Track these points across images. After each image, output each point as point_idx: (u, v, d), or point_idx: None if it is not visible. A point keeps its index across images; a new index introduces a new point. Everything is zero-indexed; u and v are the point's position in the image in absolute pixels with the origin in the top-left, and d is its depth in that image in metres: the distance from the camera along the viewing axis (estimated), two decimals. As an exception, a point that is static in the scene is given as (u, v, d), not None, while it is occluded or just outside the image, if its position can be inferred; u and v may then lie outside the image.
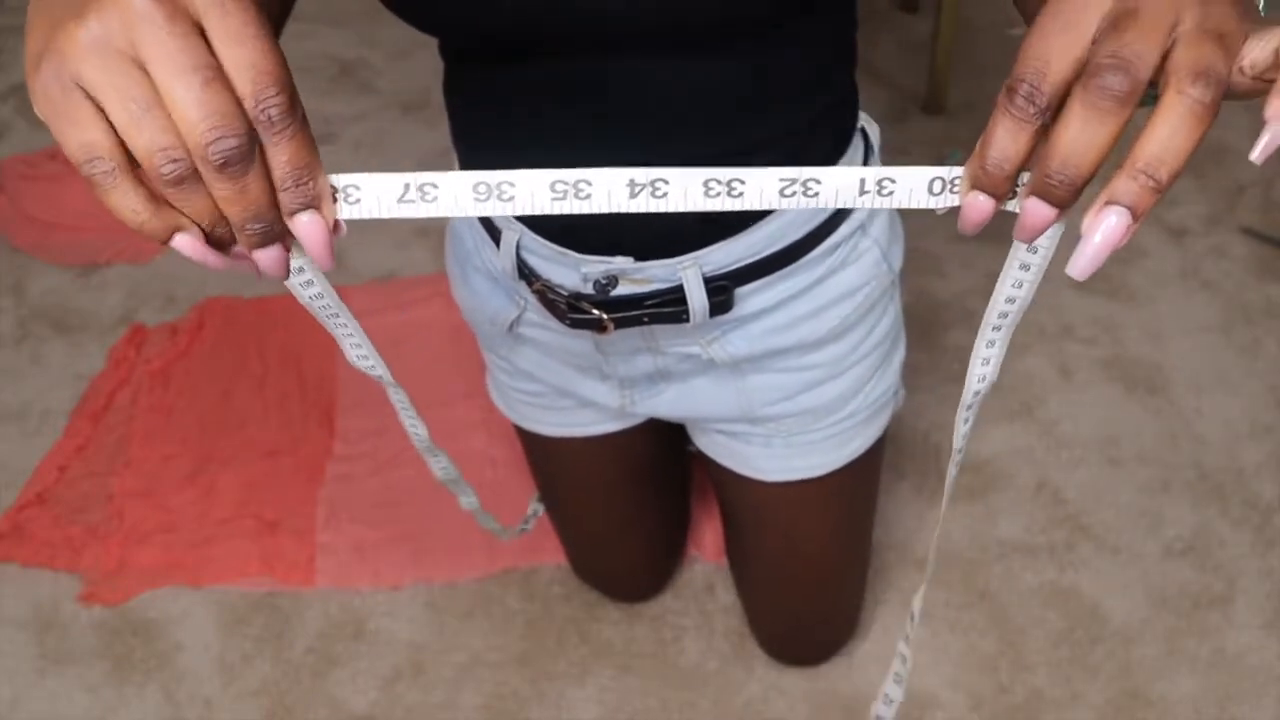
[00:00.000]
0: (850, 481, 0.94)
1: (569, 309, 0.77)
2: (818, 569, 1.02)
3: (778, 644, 1.13)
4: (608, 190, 0.42)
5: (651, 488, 1.07)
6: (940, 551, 1.23)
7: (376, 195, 0.41)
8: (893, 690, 0.82)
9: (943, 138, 1.75)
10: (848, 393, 0.87)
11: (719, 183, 0.42)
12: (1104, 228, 0.37)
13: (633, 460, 1.02)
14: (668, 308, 0.76)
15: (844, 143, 0.77)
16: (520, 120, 0.69)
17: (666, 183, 0.42)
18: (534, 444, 1.03)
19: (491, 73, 0.69)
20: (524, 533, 1.12)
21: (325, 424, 1.37)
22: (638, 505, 1.07)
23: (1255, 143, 0.37)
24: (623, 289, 0.76)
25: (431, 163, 1.74)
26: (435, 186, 0.41)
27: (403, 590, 1.22)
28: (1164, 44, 0.36)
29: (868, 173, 0.41)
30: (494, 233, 0.79)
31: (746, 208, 0.42)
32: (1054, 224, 0.39)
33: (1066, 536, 1.24)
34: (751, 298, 0.78)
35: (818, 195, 0.42)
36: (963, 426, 0.53)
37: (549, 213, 0.42)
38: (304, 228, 0.39)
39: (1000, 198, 0.39)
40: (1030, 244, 0.42)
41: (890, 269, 0.84)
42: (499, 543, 1.24)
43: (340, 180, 0.40)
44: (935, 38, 1.72)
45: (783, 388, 0.86)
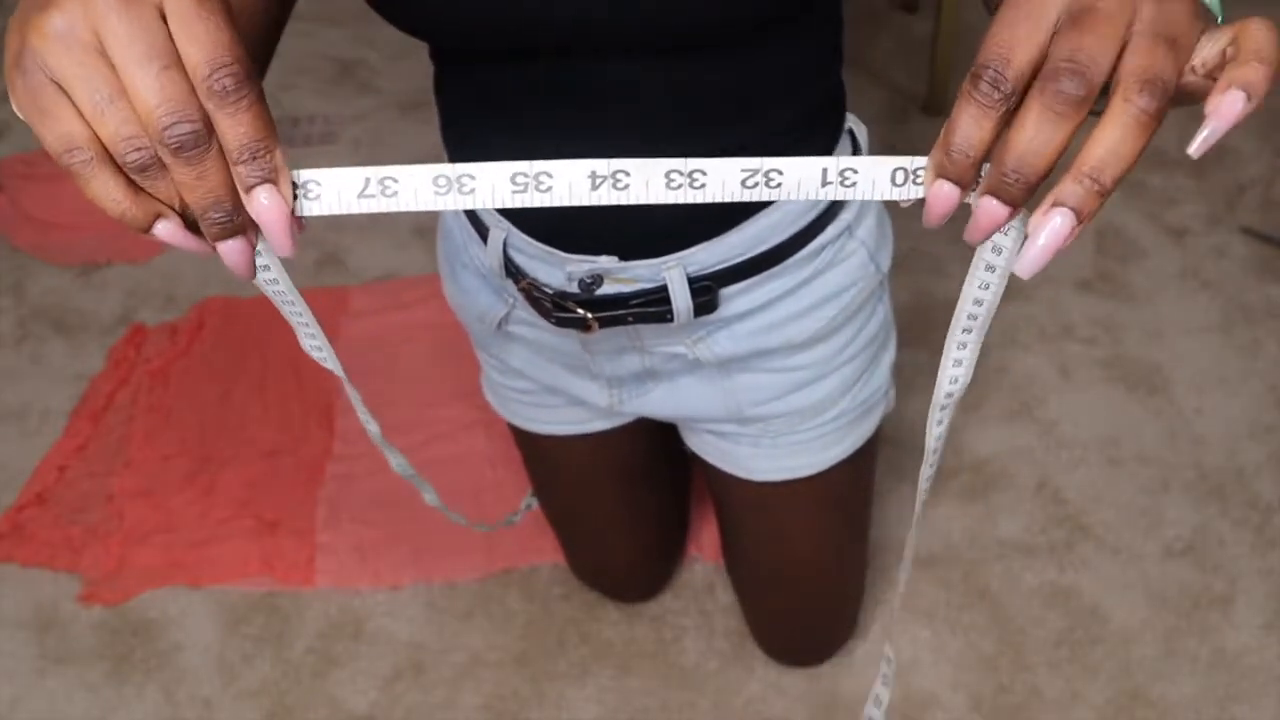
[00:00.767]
0: (841, 481, 0.95)
1: (554, 307, 0.77)
2: (810, 569, 1.02)
3: (775, 644, 1.13)
4: (569, 182, 0.42)
5: (644, 487, 1.08)
6: (940, 551, 1.23)
7: (337, 190, 0.41)
8: (881, 692, 0.82)
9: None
10: (835, 393, 0.87)
11: (680, 174, 0.42)
12: (1049, 229, 0.38)
13: (624, 459, 1.02)
14: (652, 307, 0.76)
15: (831, 143, 0.77)
16: (507, 122, 0.70)
17: (628, 174, 0.42)
18: (527, 441, 1.03)
19: (478, 75, 0.69)
20: (510, 524, 1.12)
21: (325, 424, 1.37)
22: (630, 504, 1.07)
23: (1193, 138, 0.37)
24: (607, 288, 0.76)
25: (430, 162, 1.74)
26: (395, 181, 0.41)
27: (403, 590, 1.22)
28: (1119, 45, 0.36)
29: (829, 163, 0.41)
30: (482, 230, 0.79)
31: (709, 199, 0.42)
32: (1009, 222, 0.40)
33: (1066, 536, 1.24)
34: (736, 298, 0.78)
35: (780, 186, 0.42)
36: (935, 429, 0.54)
37: (510, 205, 0.42)
38: (262, 208, 0.39)
39: (965, 185, 0.39)
40: (988, 243, 0.43)
41: (878, 269, 0.84)
42: (499, 543, 1.24)
43: (301, 175, 0.40)
44: (935, 38, 1.72)
45: (770, 388, 0.86)
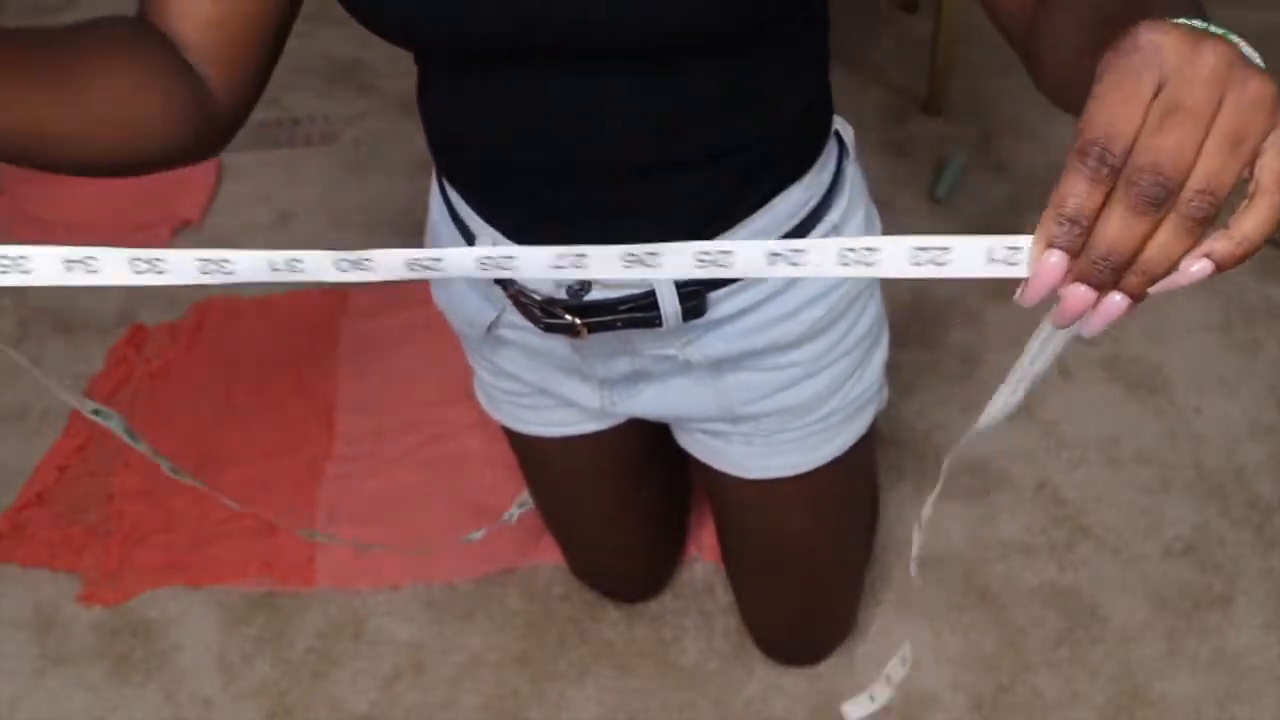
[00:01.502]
0: (833, 480, 0.95)
1: (543, 314, 0.77)
2: (804, 567, 1.02)
3: (772, 643, 1.13)
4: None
5: (638, 487, 1.07)
6: (940, 551, 1.23)
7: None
8: (879, 693, 0.82)
9: (943, 137, 1.75)
10: (825, 391, 0.87)
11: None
12: (1105, 306, 0.40)
13: (617, 459, 1.02)
14: (640, 313, 0.76)
15: (820, 144, 0.77)
16: (498, 127, 0.69)
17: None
18: (520, 443, 1.03)
19: (470, 81, 0.69)
20: (506, 523, 1.12)
21: (325, 424, 1.37)
22: (624, 504, 1.07)
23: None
24: (596, 294, 0.76)
25: (430, 163, 1.74)
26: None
27: (403, 590, 1.22)
28: (1199, 143, 0.37)
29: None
30: (469, 236, 0.79)
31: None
32: (1092, 309, 0.41)
33: (1066, 536, 1.24)
34: (724, 301, 0.78)
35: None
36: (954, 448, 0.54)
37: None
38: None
39: (1075, 255, 0.40)
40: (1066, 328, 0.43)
41: None
42: (499, 543, 1.24)
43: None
44: (935, 38, 1.72)
45: (761, 386, 0.86)
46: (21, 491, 1.31)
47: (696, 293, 0.76)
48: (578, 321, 0.76)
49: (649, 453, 1.04)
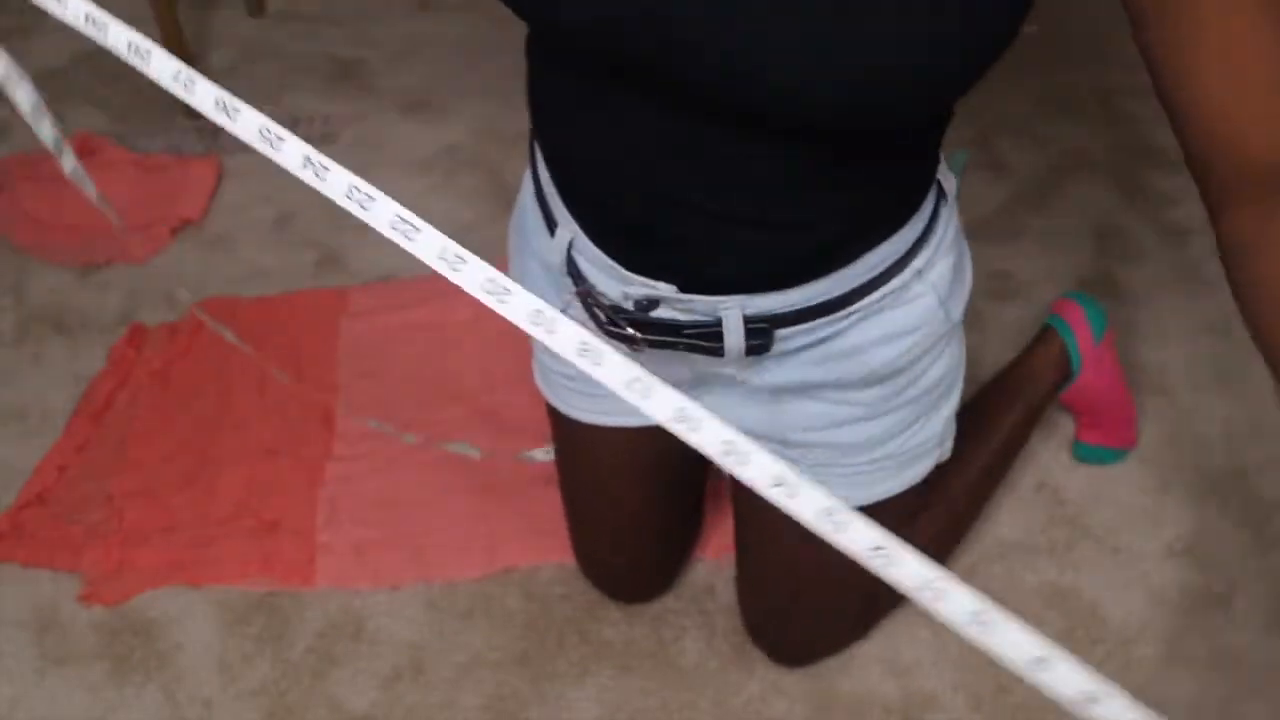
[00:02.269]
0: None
1: (607, 320, 0.76)
2: (817, 584, 1.02)
3: (766, 641, 1.13)
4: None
5: (667, 488, 1.07)
6: (940, 551, 1.23)
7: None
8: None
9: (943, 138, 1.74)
10: (883, 435, 0.85)
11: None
12: None
13: (656, 458, 1.01)
14: (704, 340, 0.75)
15: (919, 205, 0.77)
16: (599, 144, 0.68)
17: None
18: (565, 429, 1.03)
19: (585, 92, 0.67)
20: (522, 460, 1.10)
21: (325, 424, 1.37)
22: (650, 504, 1.07)
23: None
24: (663, 312, 0.75)
25: (431, 163, 1.74)
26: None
27: (403, 590, 1.22)
28: None
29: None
30: (551, 223, 0.78)
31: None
32: None
33: (1066, 536, 1.24)
34: (793, 338, 0.77)
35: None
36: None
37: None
38: None
39: None
40: None
41: (948, 317, 0.82)
42: (499, 542, 1.24)
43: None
44: (935, 38, 1.72)
45: (817, 417, 0.84)
46: (21, 491, 1.31)
47: (764, 330, 0.74)
48: (638, 335, 0.75)
49: (685, 453, 1.04)
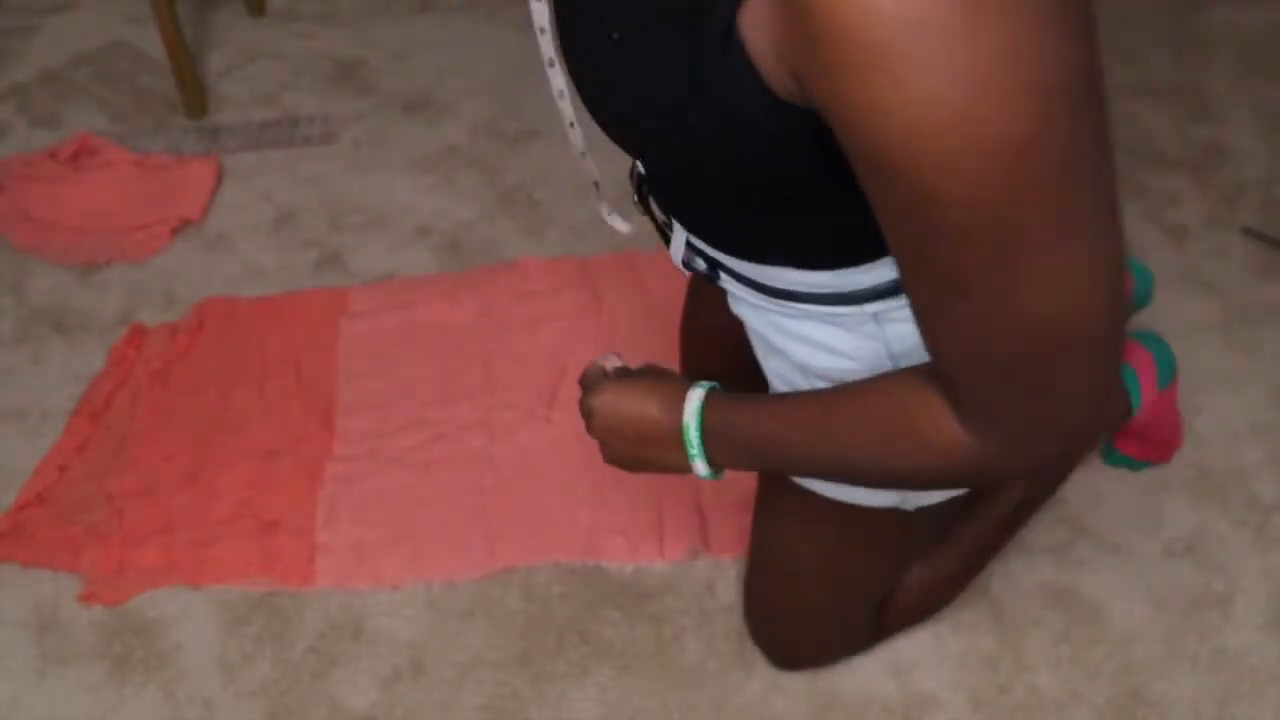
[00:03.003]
0: (885, 522, 0.93)
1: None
2: (820, 581, 1.03)
3: (770, 643, 1.13)
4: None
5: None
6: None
7: None
8: None
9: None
10: None
11: None
12: None
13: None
14: (664, 231, 0.88)
15: (857, 251, 0.77)
16: None
17: None
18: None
19: None
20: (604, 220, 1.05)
21: (325, 424, 1.37)
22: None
23: None
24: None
25: (431, 162, 1.74)
26: None
27: (403, 590, 1.22)
28: None
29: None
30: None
31: None
32: None
33: (1066, 536, 1.24)
34: (741, 294, 0.84)
35: None
36: None
37: None
38: None
39: None
40: None
41: (892, 360, 0.80)
42: (499, 543, 1.24)
43: None
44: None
45: (787, 370, 0.87)
46: (21, 491, 1.31)
47: (712, 263, 0.82)
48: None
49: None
